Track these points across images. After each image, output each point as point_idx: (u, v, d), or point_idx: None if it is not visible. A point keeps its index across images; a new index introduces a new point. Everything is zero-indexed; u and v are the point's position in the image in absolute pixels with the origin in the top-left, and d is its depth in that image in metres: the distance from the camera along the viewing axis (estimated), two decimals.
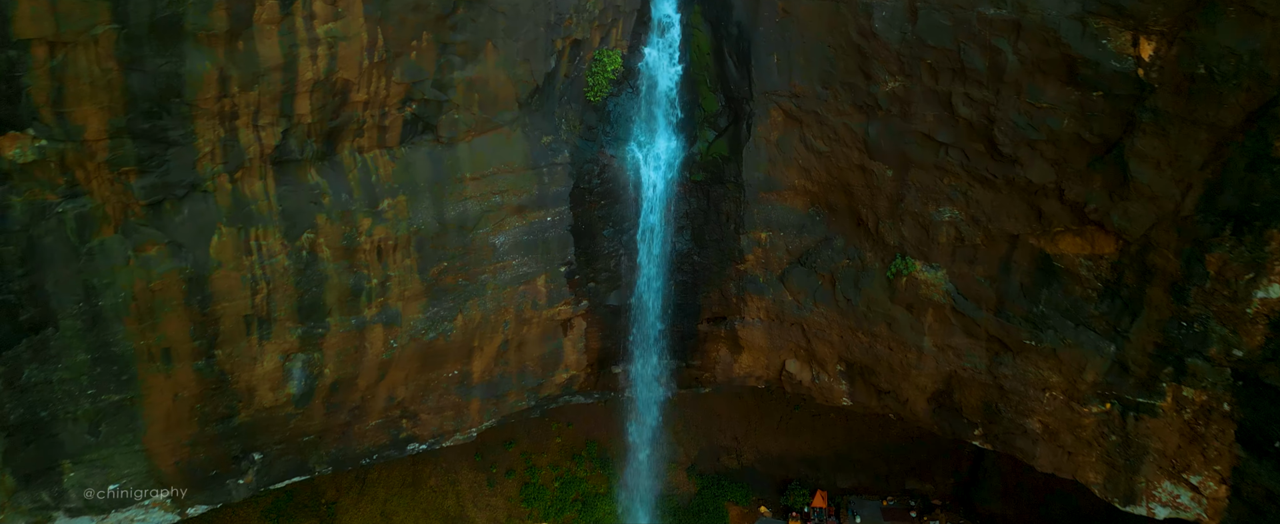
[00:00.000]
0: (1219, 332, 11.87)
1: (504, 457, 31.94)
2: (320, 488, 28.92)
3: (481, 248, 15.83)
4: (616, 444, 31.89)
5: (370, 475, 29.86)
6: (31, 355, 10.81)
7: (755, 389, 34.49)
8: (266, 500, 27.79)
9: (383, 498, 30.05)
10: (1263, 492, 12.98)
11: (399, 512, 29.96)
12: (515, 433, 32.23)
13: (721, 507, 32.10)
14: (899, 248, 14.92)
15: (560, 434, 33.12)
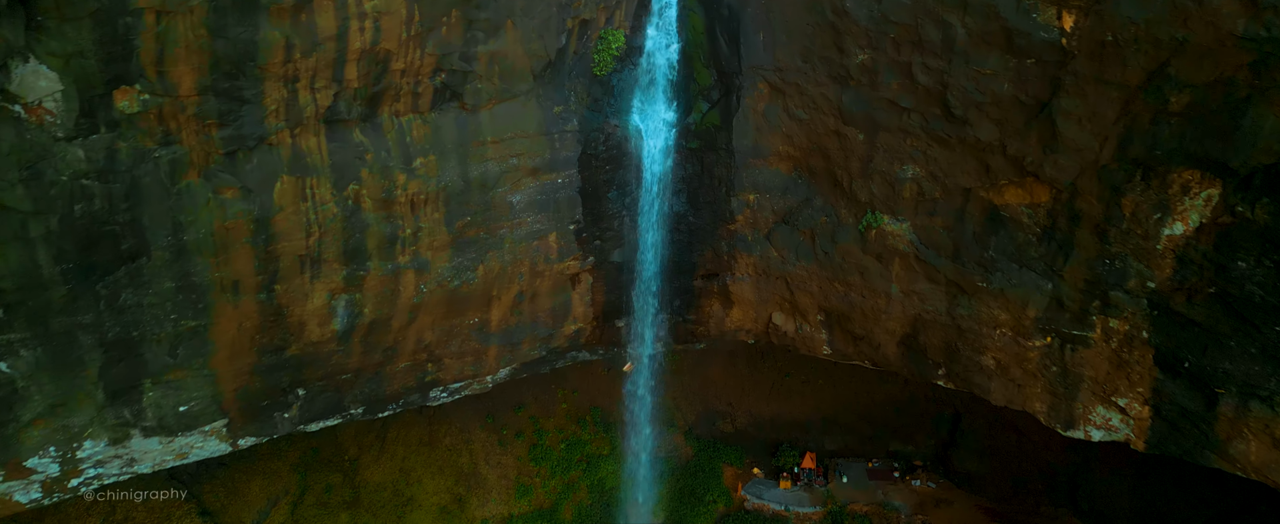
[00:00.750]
0: (1135, 267, 13.63)
1: (513, 420, 33.80)
2: (344, 445, 30.79)
3: (500, 205, 17.60)
4: (618, 410, 33.73)
5: (389, 434, 31.72)
6: (128, 281, 12.62)
7: (749, 357, 36.45)
8: (294, 455, 29.69)
9: (401, 455, 31.90)
10: (1177, 409, 14.74)
11: (416, 468, 31.82)
12: (524, 398, 34.08)
13: (717, 468, 33.85)
14: (869, 204, 16.65)
15: (566, 400, 34.94)
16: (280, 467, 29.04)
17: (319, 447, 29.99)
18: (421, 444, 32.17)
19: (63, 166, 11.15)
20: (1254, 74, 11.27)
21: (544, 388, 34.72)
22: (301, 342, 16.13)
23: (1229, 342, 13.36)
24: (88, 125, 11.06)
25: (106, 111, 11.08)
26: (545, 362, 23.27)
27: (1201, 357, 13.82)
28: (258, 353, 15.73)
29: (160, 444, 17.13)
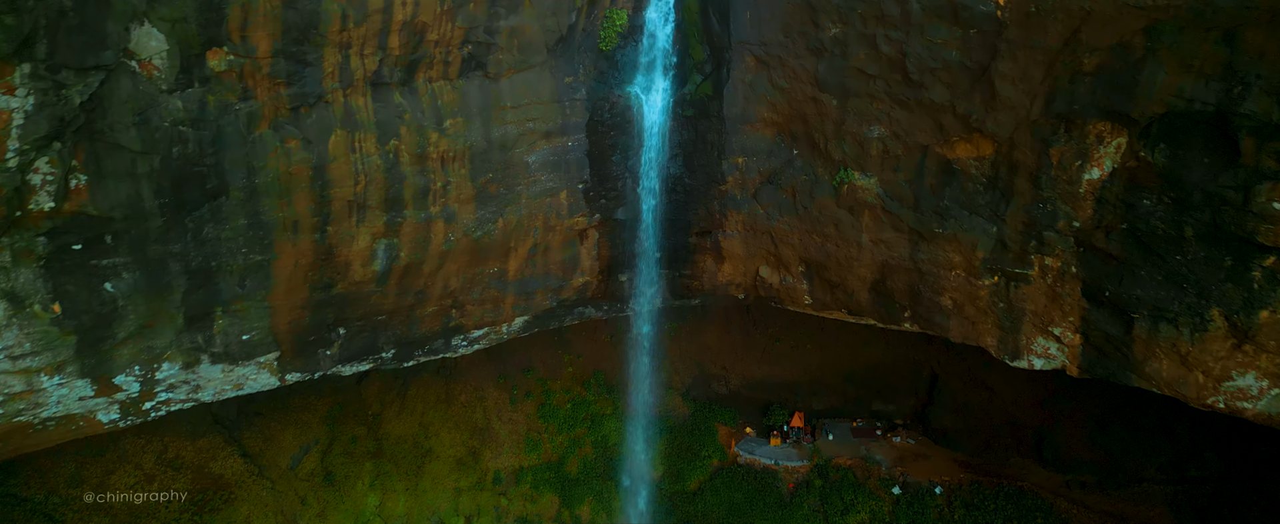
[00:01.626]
0: (1063, 209, 15.64)
1: (523, 381, 35.96)
2: (367, 401, 32.99)
3: (518, 164, 19.65)
4: (620, 374, 35.85)
5: (410, 392, 33.91)
6: (210, 216, 14.69)
7: (743, 324, 38.54)
8: (323, 408, 31.90)
9: (421, 411, 34.10)
10: (1102, 335, 16.79)
11: (434, 423, 34.01)
12: (532, 362, 36.24)
13: (712, 427, 35.98)
14: (842, 162, 18.67)
15: (571, 364, 37.10)
16: (311, 418, 31.25)
17: (345, 402, 32.18)
18: (439, 401, 34.36)
19: (165, 114, 13.24)
20: (1147, 37, 13.27)
21: (551, 353, 36.88)
22: (347, 280, 18.20)
23: (1140, 271, 15.41)
24: (185, 80, 13.17)
25: (200, 69, 13.16)
26: (554, 315, 25.34)
27: (1119, 286, 15.88)
28: (310, 289, 17.81)
29: (222, 373, 19.27)
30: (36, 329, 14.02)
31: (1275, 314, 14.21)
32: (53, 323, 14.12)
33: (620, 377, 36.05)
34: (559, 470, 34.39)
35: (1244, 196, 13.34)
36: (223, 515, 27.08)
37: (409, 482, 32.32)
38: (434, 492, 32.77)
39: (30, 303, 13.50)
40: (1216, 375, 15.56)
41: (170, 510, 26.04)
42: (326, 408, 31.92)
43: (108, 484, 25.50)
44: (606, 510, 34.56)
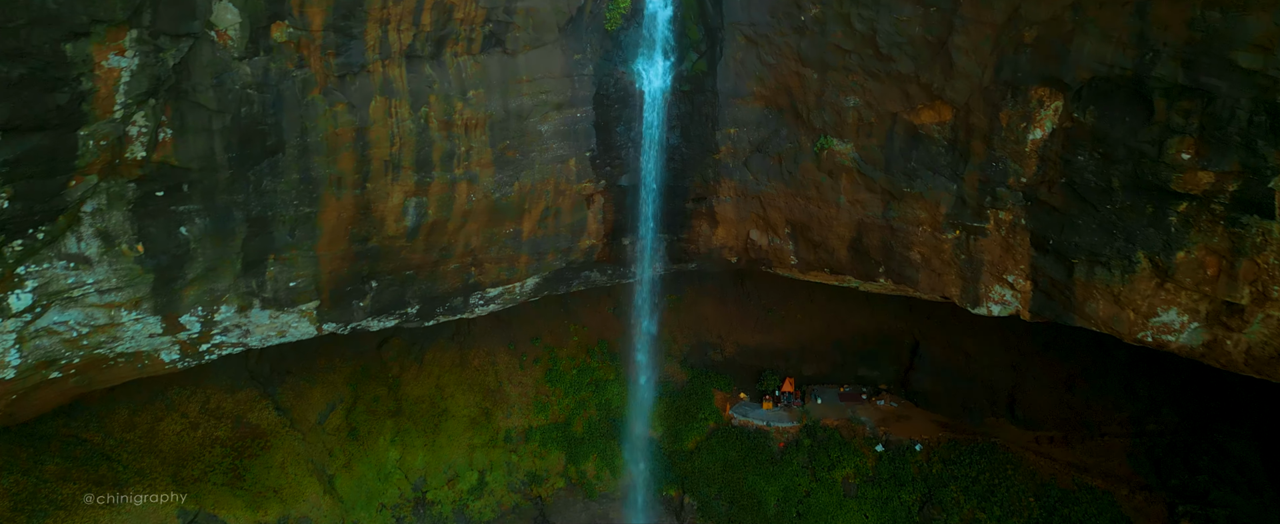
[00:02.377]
0: (1012, 167, 17.54)
1: (532, 348, 38.04)
2: (388, 364, 35.07)
3: (532, 132, 21.54)
4: (622, 342, 37.91)
5: (427, 356, 35.97)
6: (269, 170, 16.65)
7: (738, 296, 40.55)
8: (347, 370, 33.97)
9: (437, 374, 36.20)
10: (1048, 280, 18.74)
11: (450, 385, 36.10)
12: (540, 332, 38.30)
13: (708, 392, 38.05)
14: (822, 130, 20.56)
15: (577, 334, 39.15)
16: (336, 379, 33.34)
17: (367, 365, 34.25)
18: (454, 365, 36.43)
19: (235, 79, 15.17)
20: (1073, 11, 15.18)
21: (557, 323, 38.90)
22: (381, 234, 20.15)
23: (1078, 221, 17.34)
24: (253, 49, 15.10)
25: (265, 40, 15.07)
26: (562, 277, 27.27)
27: (1061, 235, 17.81)
28: (349, 241, 19.76)
29: (269, 318, 21.26)
30: (122, 266, 16.01)
31: (1190, 255, 16.18)
32: (136, 261, 16.10)
33: (622, 345, 38.14)
34: (565, 430, 36.49)
35: (1158, 150, 15.27)
36: (260, 461, 29.25)
37: (427, 438, 34.46)
38: (450, 447, 34.91)
39: (119, 242, 15.47)
40: (1144, 312, 17.52)
41: (214, 454, 28.26)
42: (350, 370, 34.05)
43: (157, 430, 27.68)
44: (610, 467, 36.68)
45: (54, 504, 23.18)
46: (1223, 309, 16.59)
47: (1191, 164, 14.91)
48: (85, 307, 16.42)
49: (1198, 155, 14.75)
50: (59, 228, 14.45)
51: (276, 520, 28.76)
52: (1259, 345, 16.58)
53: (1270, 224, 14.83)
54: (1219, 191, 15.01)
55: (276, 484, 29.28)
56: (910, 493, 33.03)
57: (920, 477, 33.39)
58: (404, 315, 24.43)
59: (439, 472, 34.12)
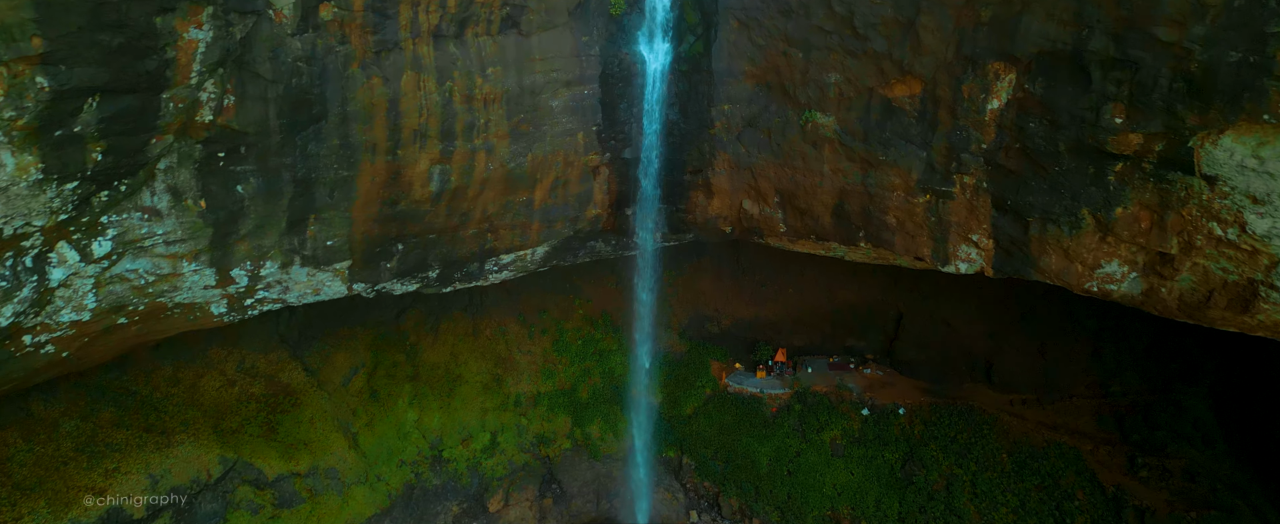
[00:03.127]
0: (974, 135, 19.33)
1: (540, 321, 39.97)
2: (406, 333, 36.99)
3: (544, 107, 23.28)
4: (625, 316, 39.78)
5: (442, 327, 37.90)
6: (313, 136, 18.51)
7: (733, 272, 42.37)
8: (368, 338, 35.89)
9: (451, 342, 38.16)
10: (1008, 237, 20.58)
11: (463, 353, 38.05)
12: (547, 306, 40.20)
13: (706, 362, 39.99)
14: (807, 105, 22.31)
15: (582, 307, 41.08)
16: (358, 345, 35.33)
17: (386, 334, 36.23)
18: (467, 335, 38.41)
19: (288, 52, 17.01)
20: None
21: (563, 298, 40.82)
22: (409, 198, 22.00)
23: (1031, 182, 19.14)
24: (304, 26, 16.94)
25: (314, 18, 16.90)
26: (570, 246, 29.07)
27: (1017, 196, 19.63)
28: (381, 204, 21.60)
29: (306, 276, 23.15)
30: (187, 220, 17.87)
31: (1127, 210, 18.00)
32: (199, 216, 17.95)
33: (625, 318, 40.05)
34: (572, 396, 38.50)
35: (1096, 115, 17.06)
36: (290, 417, 31.29)
37: (442, 401, 36.49)
38: (464, 410, 36.94)
39: (186, 197, 17.32)
40: (1090, 264, 19.35)
41: (249, 409, 30.28)
42: (371, 337, 36.04)
43: (198, 385, 29.69)
44: (613, 430, 38.70)
45: (110, 447, 25.25)
46: (1156, 259, 18.45)
47: (1124, 127, 16.74)
48: (153, 256, 18.30)
49: (1128, 119, 16.57)
50: (138, 181, 16.34)
51: (307, 470, 30.85)
52: (1188, 292, 18.43)
53: (1192, 180, 16.68)
54: (1147, 152, 16.85)
55: (306, 438, 31.34)
56: (893, 452, 35.03)
57: (903, 437, 35.39)
58: (425, 279, 26.28)
59: (454, 432, 36.17)
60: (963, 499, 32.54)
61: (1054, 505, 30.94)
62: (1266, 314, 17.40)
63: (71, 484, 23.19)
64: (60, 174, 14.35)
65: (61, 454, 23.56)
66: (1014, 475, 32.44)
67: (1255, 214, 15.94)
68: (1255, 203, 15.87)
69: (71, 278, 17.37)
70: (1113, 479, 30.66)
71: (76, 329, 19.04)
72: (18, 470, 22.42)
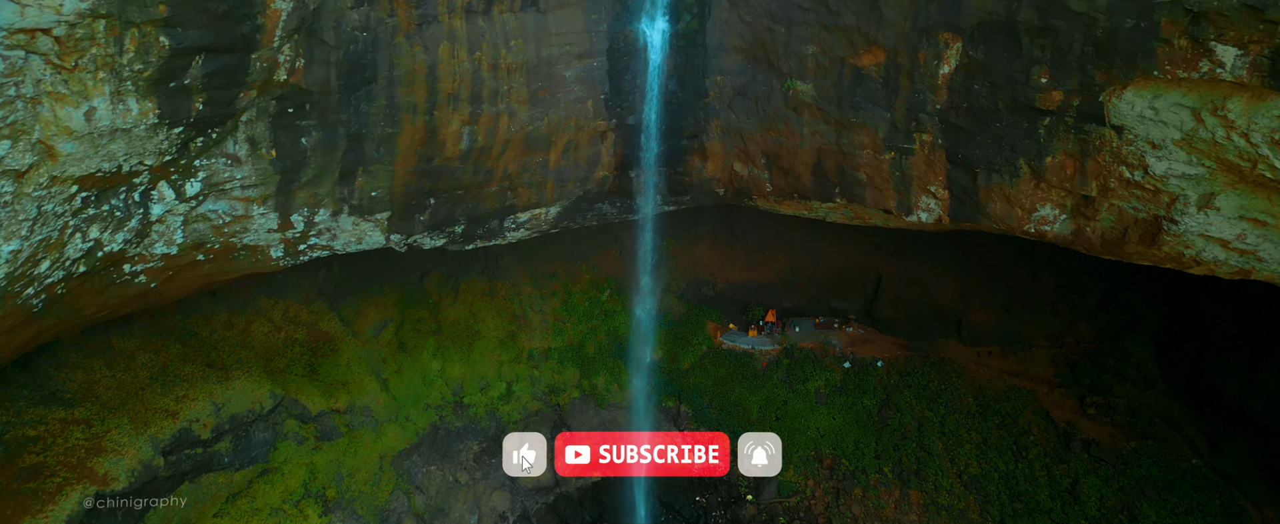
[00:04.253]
0: (929, 97, 21.86)
1: (550, 283, 42.87)
2: (429, 292, 39.93)
3: (559, 77, 25.90)
4: (628, 280, 42.68)
5: (461, 287, 40.81)
6: (365, 96, 21.21)
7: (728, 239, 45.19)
8: (396, 295, 38.83)
9: (470, 301, 41.10)
10: (960, 188, 23.34)
11: (481, 311, 40.95)
12: (557, 272, 43.07)
13: (702, 322, 42.92)
14: (788, 74, 24.88)
15: (588, 273, 43.98)
16: (386, 302, 38.35)
17: (411, 293, 39.23)
18: (484, 295, 41.42)
19: (347, 23, 19.78)
20: None
21: (572, 264, 43.77)
22: (442, 155, 24.74)
23: (978, 137, 21.85)
24: (360, 1, 19.57)
25: None
26: (579, 208, 31.82)
27: (966, 150, 22.35)
28: (418, 159, 24.36)
29: (352, 225, 26.03)
30: (260, 167, 20.69)
31: (1055, 159, 20.74)
32: (270, 164, 20.77)
33: (628, 282, 42.96)
34: (579, 351, 41.53)
35: (1026, 76, 19.71)
36: (330, 360, 34.36)
37: (463, 354, 39.55)
38: (482, 362, 40.01)
39: (261, 146, 20.12)
40: (1028, 208, 22.11)
41: (294, 352, 33.31)
42: (397, 296, 39.06)
43: (250, 330, 32.73)
44: (617, 382, 41.74)
45: (179, 378, 28.27)
46: (1081, 202, 21.21)
47: (1048, 86, 19.42)
48: (231, 198, 21.14)
49: (1051, 79, 19.26)
50: (225, 131, 19.13)
51: (345, 407, 33.96)
52: (1108, 230, 21.22)
53: (1104, 130, 19.39)
54: (1068, 107, 19.54)
55: (344, 379, 34.42)
56: (871, 399, 38.11)
57: (880, 386, 38.46)
58: (451, 235, 29.12)
59: (473, 381, 39.27)
60: (932, 438, 35.62)
61: (1012, 441, 34.03)
62: (1169, 246, 20.22)
63: (149, 406, 26.21)
64: (170, 120, 17.18)
65: (139, 381, 26.56)
66: (978, 416, 35.50)
67: (1155, 157, 18.75)
68: (1154, 148, 18.67)
69: (166, 214, 20.23)
70: (1064, 417, 33.70)
71: (165, 262, 21.95)
72: (104, 393, 25.44)
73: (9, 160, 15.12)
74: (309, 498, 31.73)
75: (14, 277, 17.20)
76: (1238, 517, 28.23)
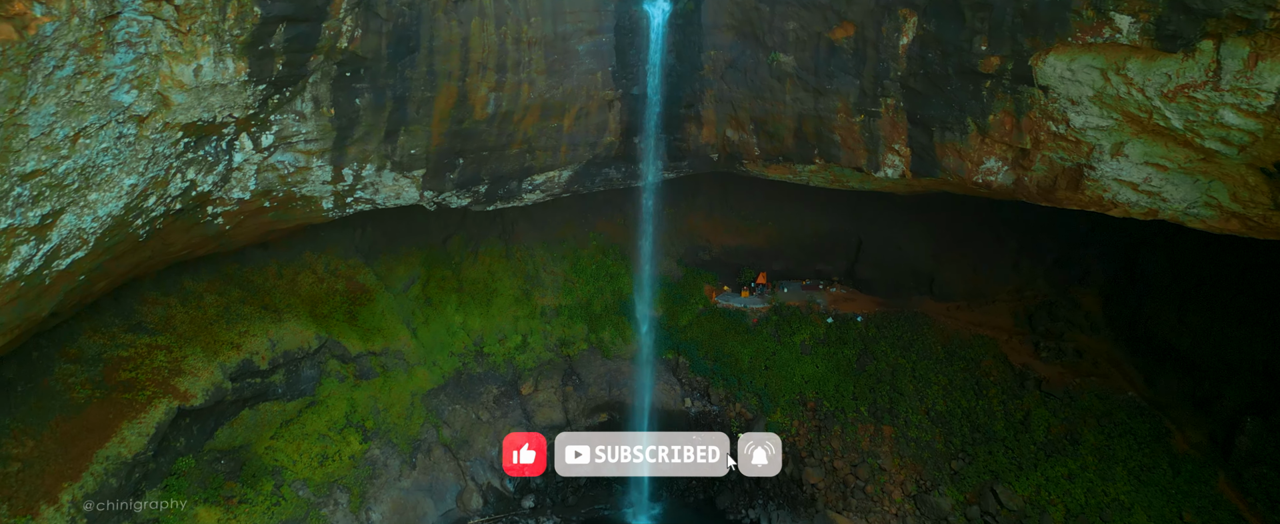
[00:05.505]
0: (892, 65, 24.91)
1: (561, 247, 46.14)
2: (451, 253, 43.25)
3: (572, 51, 28.95)
4: (631, 246, 45.95)
5: (480, 249, 44.12)
6: (409, 63, 24.25)
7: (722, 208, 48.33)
8: (421, 256, 42.16)
9: (488, 262, 44.42)
10: (919, 145, 26.45)
11: (498, 271, 44.28)
12: (566, 236, 46.34)
13: (698, 284, 46.24)
14: (772, 48, 27.87)
15: (595, 240, 47.25)
16: (413, 260, 41.72)
17: (436, 253, 42.59)
18: (501, 257, 44.78)
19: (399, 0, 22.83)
20: None
21: (580, 231, 47.04)
22: (471, 118, 27.84)
23: (932, 99, 24.91)
24: None
25: None
26: (589, 173, 34.93)
27: (923, 111, 25.40)
28: (451, 121, 27.47)
29: (392, 181, 29.22)
30: (321, 123, 23.82)
31: (996, 117, 23.78)
32: (329, 121, 23.89)
33: (630, 247, 46.27)
34: (587, 308, 44.90)
35: (970, 44, 22.69)
36: (366, 309, 37.77)
37: (482, 309, 42.97)
38: (500, 317, 43.44)
39: (323, 105, 23.23)
40: (976, 161, 25.20)
41: (335, 300, 36.69)
42: (423, 256, 42.41)
43: (297, 280, 36.09)
44: (622, 336, 45.13)
45: (240, 317, 31.67)
46: (1019, 155, 24.29)
47: (987, 52, 22.41)
48: (295, 151, 24.30)
49: (989, 46, 22.24)
50: (296, 90, 22.25)
51: (380, 350, 37.42)
52: (1042, 179, 24.33)
53: (1033, 90, 22.41)
54: (1004, 71, 22.55)
55: (379, 326, 37.86)
56: (851, 349, 41.50)
57: (859, 338, 41.84)
58: (475, 194, 32.31)
59: (492, 333, 42.73)
60: (904, 381, 39.01)
61: (974, 382, 37.42)
62: (1091, 190, 23.33)
63: (217, 339, 29.58)
64: (257, 78, 20.32)
65: (208, 317, 29.94)
66: (945, 361, 38.88)
67: (1074, 112, 21.78)
68: (1073, 104, 21.69)
69: (244, 162, 23.42)
70: (1020, 360, 37.07)
71: (239, 206, 25.19)
72: (180, 325, 28.82)
73: (135, 107, 18.32)
74: (350, 427, 35.28)
75: (130, 207, 20.40)
76: (1162, 436, 31.67)
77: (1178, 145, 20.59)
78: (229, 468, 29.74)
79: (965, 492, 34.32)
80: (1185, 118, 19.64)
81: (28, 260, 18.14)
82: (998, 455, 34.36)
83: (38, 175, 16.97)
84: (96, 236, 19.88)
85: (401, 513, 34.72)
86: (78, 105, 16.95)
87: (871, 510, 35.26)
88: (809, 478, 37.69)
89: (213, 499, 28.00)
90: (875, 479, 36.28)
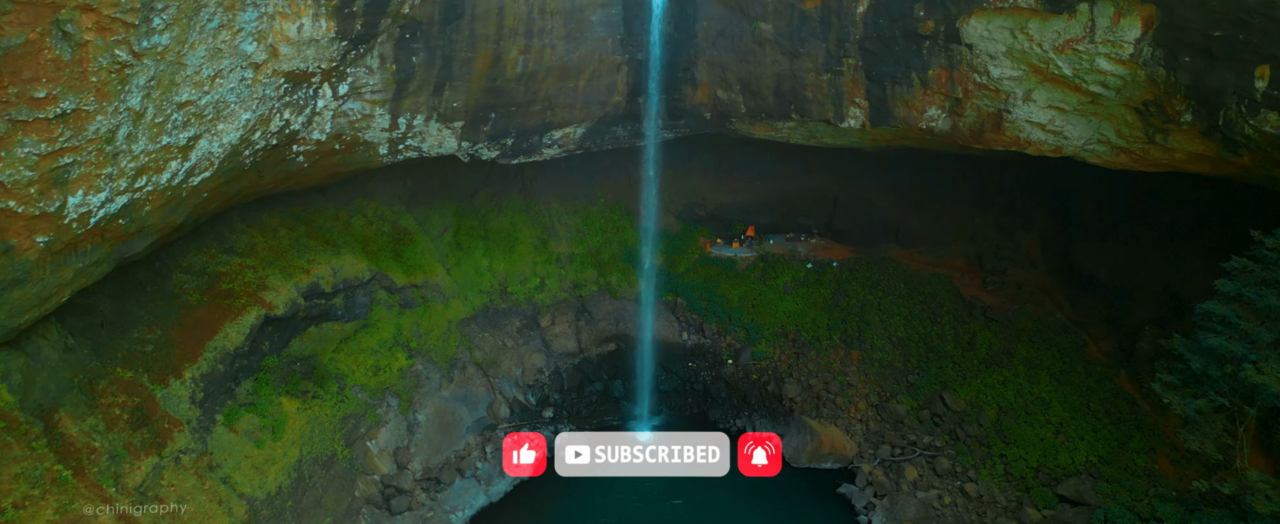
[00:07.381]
0: (852, 30, 29.43)
1: (573, 204, 50.93)
2: (478, 206, 48.06)
3: (587, 20, 33.40)
4: (635, 203, 50.67)
5: (503, 204, 48.94)
6: (456, 28, 28.85)
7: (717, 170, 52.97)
8: (452, 207, 46.99)
9: (510, 215, 49.27)
10: (874, 98, 31.08)
11: (519, 222, 49.13)
12: (578, 193, 51.11)
13: (695, 237, 51.11)
14: (755, 17, 32.33)
15: (603, 197, 51.97)
16: (446, 211, 46.58)
17: (464, 206, 47.45)
18: (521, 210, 49.63)
19: None
20: None
21: (591, 190, 51.82)
22: (503, 77, 32.38)
23: (884, 59, 29.40)
24: None
25: None
26: (599, 131, 39.52)
27: (878, 68, 29.94)
28: (487, 79, 32.03)
29: (436, 131, 33.91)
30: (385, 76, 28.41)
31: (934, 72, 28.35)
32: (391, 75, 28.47)
33: (635, 205, 51.09)
34: (597, 256, 49.82)
35: (911, 11, 27.25)
36: (409, 248, 42.72)
37: (505, 254, 47.92)
38: (521, 262, 48.40)
39: (387, 61, 27.80)
40: (921, 110, 29.76)
41: (382, 241, 41.62)
42: (454, 208, 47.28)
43: (351, 222, 41.00)
44: (627, 281, 50.10)
45: (308, 248, 36.63)
46: (953, 104, 28.86)
47: (925, 17, 26.95)
48: (363, 100, 28.93)
49: (926, 12, 26.77)
50: (368, 48, 26.83)
51: (421, 283, 42.45)
52: (973, 123, 28.91)
53: (961, 48, 27.00)
54: (938, 32, 27.06)
55: (420, 263, 42.86)
56: (826, 289, 46.53)
57: (834, 280, 46.84)
58: (503, 147, 36.94)
59: (515, 276, 47.72)
60: (871, 313, 44.04)
61: (930, 312, 42.46)
62: (1010, 132, 27.94)
63: (291, 265, 34.54)
64: (341, 36, 24.91)
65: (283, 246, 34.88)
66: (906, 296, 43.87)
67: (993, 66, 26.30)
68: (991, 59, 26.21)
69: (324, 108, 28.06)
70: (970, 293, 42.06)
71: (316, 146, 29.91)
72: (262, 251, 33.80)
73: (254, 55, 22.91)
74: (397, 346, 40.39)
75: (243, 139, 25.10)
76: (1080, 347, 36.77)
77: (1071, 90, 25.11)
78: (303, 370, 34.88)
79: (918, 399, 39.45)
80: (1073, 66, 24.16)
81: (175, 173, 22.90)
82: (947, 369, 39.42)
83: (188, 105, 21.64)
84: (220, 161, 24.61)
85: (442, 416, 39.97)
86: (218, 51, 21.56)
87: (840, 417, 40.42)
88: (788, 394, 42.85)
89: (293, 392, 33.18)
90: (844, 393, 41.43)
